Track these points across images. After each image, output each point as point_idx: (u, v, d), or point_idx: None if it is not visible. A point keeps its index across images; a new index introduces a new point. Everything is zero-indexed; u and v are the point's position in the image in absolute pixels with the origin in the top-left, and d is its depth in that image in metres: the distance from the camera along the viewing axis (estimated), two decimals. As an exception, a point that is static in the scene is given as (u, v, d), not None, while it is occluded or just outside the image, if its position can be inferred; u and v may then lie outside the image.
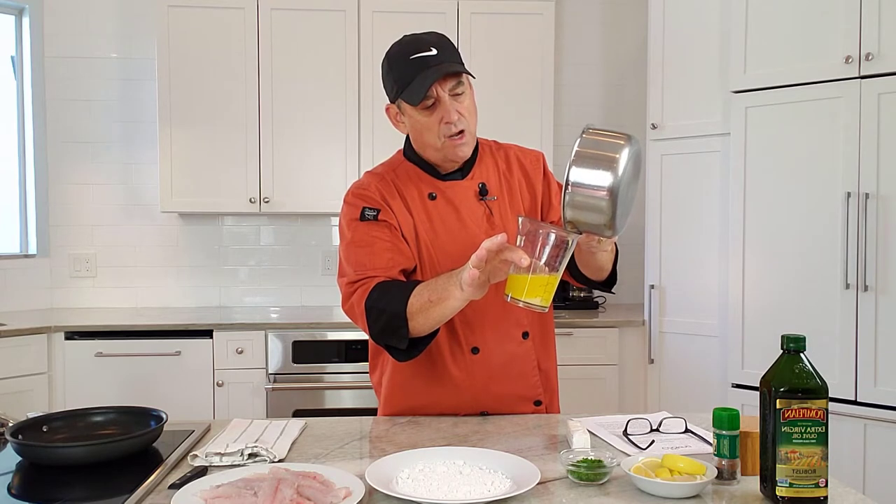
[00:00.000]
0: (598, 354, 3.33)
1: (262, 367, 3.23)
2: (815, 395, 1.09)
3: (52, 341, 3.15)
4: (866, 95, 2.62)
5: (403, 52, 1.50)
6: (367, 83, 3.52)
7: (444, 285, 1.39)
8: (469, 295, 1.34)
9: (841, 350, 2.69)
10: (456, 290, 1.35)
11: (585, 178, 1.21)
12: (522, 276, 1.25)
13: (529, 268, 1.24)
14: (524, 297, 1.25)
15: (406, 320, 1.43)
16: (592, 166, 1.21)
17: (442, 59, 1.48)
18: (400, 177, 1.63)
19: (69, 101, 3.76)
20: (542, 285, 1.25)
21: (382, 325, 1.47)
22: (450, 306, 1.39)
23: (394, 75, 1.52)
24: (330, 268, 3.88)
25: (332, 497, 1.08)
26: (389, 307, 1.45)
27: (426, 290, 1.42)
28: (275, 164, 3.50)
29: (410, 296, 1.44)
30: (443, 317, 1.42)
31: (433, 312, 1.41)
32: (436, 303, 1.40)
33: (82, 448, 1.27)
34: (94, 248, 3.79)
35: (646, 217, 3.33)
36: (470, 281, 1.29)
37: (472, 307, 1.58)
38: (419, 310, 1.42)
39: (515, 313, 1.63)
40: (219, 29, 3.46)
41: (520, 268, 1.24)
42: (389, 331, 1.47)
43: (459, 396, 1.60)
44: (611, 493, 1.16)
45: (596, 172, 1.21)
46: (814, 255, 2.75)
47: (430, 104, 1.50)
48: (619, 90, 4.00)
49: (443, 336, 1.58)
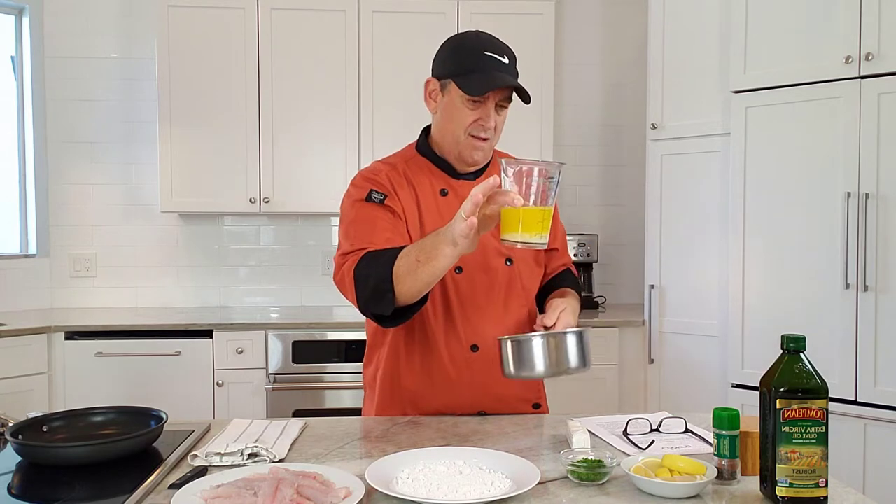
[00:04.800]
0: (598, 354, 3.32)
1: (262, 367, 3.23)
2: (815, 395, 1.09)
3: (52, 341, 3.15)
4: (866, 95, 2.62)
5: (479, 44, 1.53)
6: (367, 83, 3.52)
7: (432, 244, 1.33)
8: (462, 249, 1.29)
9: (841, 350, 2.69)
10: (446, 246, 1.30)
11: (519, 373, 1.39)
12: (516, 216, 1.22)
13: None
14: (521, 234, 1.22)
15: (392, 284, 1.39)
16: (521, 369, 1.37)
17: (511, 72, 1.52)
18: (412, 168, 1.63)
19: (69, 101, 3.76)
20: (539, 220, 1.23)
21: (370, 291, 1.42)
22: (440, 266, 1.33)
23: (459, 57, 1.53)
24: (330, 268, 3.88)
25: (332, 497, 1.08)
26: (376, 272, 1.41)
27: (413, 251, 1.37)
28: (275, 164, 3.50)
29: (397, 258, 1.40)
30: (432, 277, 1.36)
31: (422, 273, 1.35)
32: (424, 263, 1.34)
33: (82, 448, 1.27)
34: (94, 248, 3.80)
35: (646, 217, 3.33)
36: (467, 231, 1.23)
37: (475, 307, 1.59)
38: (407, 271, 1.37)
39: (517, 316, 1.63)
40: (219, 29, 3.46)
41: (511, 209, 1.21)
42: (376, 297, 1.42)
43: (456, 394, 1.60)
44: (611, 493, 1.16)
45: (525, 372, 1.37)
46: (814, 255, 2.75)
47: (477, 101, 1.51)
48: (619, 90, 4.00)
49: (443, 332, 1.58)
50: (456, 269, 1.58)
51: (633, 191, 3.91)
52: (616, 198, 4.00)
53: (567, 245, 1.87)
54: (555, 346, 1.36)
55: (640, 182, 3.52)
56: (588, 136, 4.00)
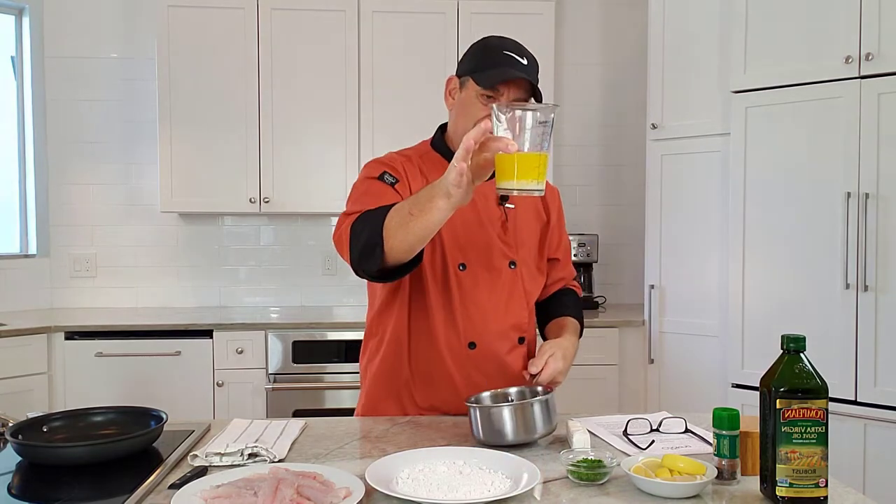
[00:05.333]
0: (598, 354, 3.33)
1: (262, 367, 3.23)
2: (815, 395, 1.09)
3: (52, 341, 3.15)
4: (866, 95, 2.62)
5: (501, 45, 1.55)
6: (367, 83, 3.52)
7: (426, 196, 1.27)
8: (457, 200, 1.23)
9: (841, 350, 2.69)
10: (440, 199, 1.24)
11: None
12: (510, 162, 1.16)
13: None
14: (518, 182, 1.16)
15: (382, 238, 1.34)
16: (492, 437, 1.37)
17: (529, 72, 1.53)
18: (426, 163, 1.64)
19: (69, 101, 3.76)
20: (535, 166, 1.17)
21: (361, 246, 1.38)
22: (433, 219, 1.27)
23: (480, 56, 1.56)
24: (330, 268, 3.88)
25: (332, 497, 1.08)
26: (370, 226, 1.37)
27: (407, 204, 1.32)
28: (275, 164, 3.50)
29: (389, 211, 1.35)
30: (425, 231, 1.30)
31: (414, 226, 1.29)
32: (417, 216, 1.28)
33: (82, 448, 1.27)
34: (94, 248, 3.80)
35: (646, 217, 3.33)
36: (458, 178, 1.18)
37: (476, 305, 1.59)
38: (399, 224, 1.31)
39: (516, 318, 1.64)
40: (219, 29, 3.46)
41: (506, 155, 1.16)
42: (367, 252, 1.37)
43: (452, 391, 1.60)
44: (611, 493, 1.16)
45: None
46: (814, 255, 2.75)
47: (491, 97, 1.52)
48: (619, 90, 4.00)
49: (443, 327, 1.59)
50: (460, 266, 1.59)
51: (633, 191, 3.91)
52: (616, 198, 4.00)
53: (570, 257, 1.87)
54: (521, 416, 1.35)
55: (640, 182, 3.52)
56: (588, 136, 4.00)
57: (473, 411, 1.38)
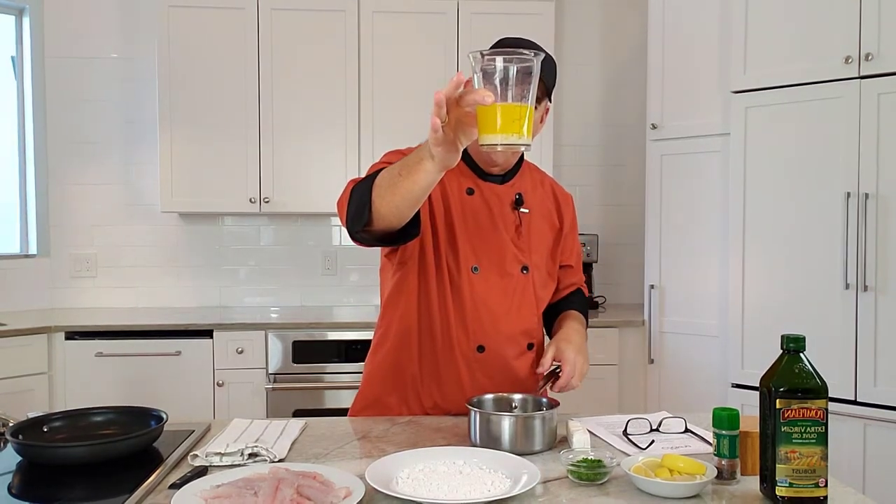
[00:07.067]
0: (598, 354, 3.33)
1: (263, 367, 3.23)
2: (815, 395, 1.09)
3: (53, 341, 3.15)
4: (866, 95, 2.62)
5: (514, 43, 1.51)
6: (367, 83, 3.52)
7: (415, 158, 1.23)
8: (441, 161, 1.16)
9: (841, 350, 2.69)
10: (427, 161, 1.19)
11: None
12: (492, 114, 1.07)
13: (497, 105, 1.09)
14: (502, 136, 1.08)
15: (370, 196, 1.30)
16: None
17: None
18: None
19: (69, 101, 3.76)
20: (516, 118, 1.08)
21: (353, 206, 1.35)
22: (420, 181, 1.22)
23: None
24: (330, 268, 3.88)
25: (332, 497, 1.08)
26: (362, 185, 1.33)
27: (398, 165, 1.28)
28: (275, 164, 3.50)
29: (382, 171, 1.31)
30: (412, 194, 1.26)
31: (401, 188, 1.25)
32: (405, 176, 1.24)
33: (82, 448, 1.26)
34: (94, 248, 3.79)
35: (646, 217, 3.33)
36: (434, 135, 1.11)
37: (487, 308, 1.59)
38: (389, 184, 1.28)
39: (526, 323, 1.64)
40: (219, 29, 3.46)
41: (486, 107, 1.07)
42: (358, 211, 1.34)
43: (457, 391, 1.60)
44: (611, 493, 1.16)
45: None
46: (814, 255, 2.75)
47: None
48: (619, 90, 4.00)
49: (454, 328, 1.59)
50: (473, 268, 1.59)
51: (633, 191, 3.91)
52: (616, 198, 4.00)
53: (581, 264, 1.86)
54: (521, 427, 1.35)
55: (640, 182, 3.52)
56: (588, 136, 4.00)
57: (473, 415, 1.38)
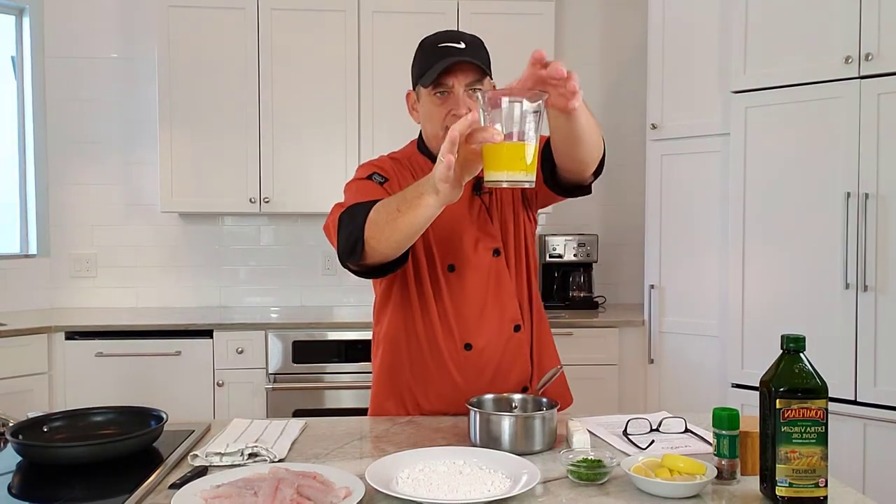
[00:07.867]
0: (598, 354, 3.33)
1: (263, 367, 3.23)
2: (815, 395, 1.09)
3: (53, 341, 3.15)
4: (866, 95, 2.62)
5: (434, 40, 1.55)
6: (367, 83, 3.52)
7: (414, 193, 1.23)
8: (445, 197, 1.18)
9: (841, 350, 2.69)
10: (429, 195, 1.19)
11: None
12: (498, 152, 1.11)
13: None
14: (507, 173, 1.12)
15: (363, 233, 1.30)
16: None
17: (466, 54, 1.50)
18: (414, 165, 1.66)
19: (69, 101, 3.76)
20: (521, 156, 1.12)
21: (345, 238, 1.35)
22: (421, 216, 1.23)
23: (419, 61, 1.57)
24: (330, 268, 3.88)
25: (332, 497, 1.08)
26: (353, 219, 1.34)
27: (395, 200, 1.27)
28: (275, 164, 3.50)
29: (374, 206, 1.30)
30: (412, 229, 1.26)
31: (402, 223, 1.25)
32: (405, 212, 1.23)
33: (82, 448, 1.27)
34: (94, 248, 3.79)
35: (646, 217, 3.33)
36: (445, 172, 1.13)
37: (468, 305, 1.59)
38: (387, 220, 1.27)
39: (508, 309, 1.64)
40: (219, 29, 3.46)
41: (493, 145, 1.11)
42: (349, 245, 1.34)
43: (452, 392, 1.60)
44: (611, 493, 1.16)
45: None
46: (814, 255, 2.75)
47: (444, 93, 1.52)
48: (619, 90, 4.00)
49: (440, 330, 1.59)
50: (448, 268, 1.60)
51: (633, 191, 3.91)
52: (616, 198, 4.00)
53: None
54: (521, 427, 1.35)
55: (640, 182, 3.52)
56: (588, 136, 4.00)
57: (473, 415, 1.38)
